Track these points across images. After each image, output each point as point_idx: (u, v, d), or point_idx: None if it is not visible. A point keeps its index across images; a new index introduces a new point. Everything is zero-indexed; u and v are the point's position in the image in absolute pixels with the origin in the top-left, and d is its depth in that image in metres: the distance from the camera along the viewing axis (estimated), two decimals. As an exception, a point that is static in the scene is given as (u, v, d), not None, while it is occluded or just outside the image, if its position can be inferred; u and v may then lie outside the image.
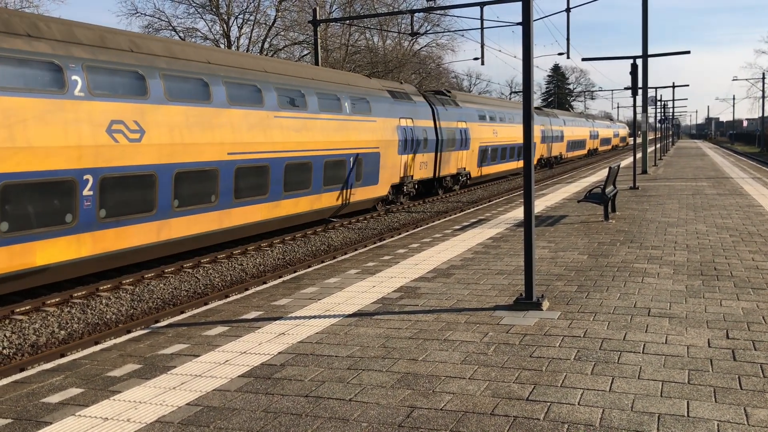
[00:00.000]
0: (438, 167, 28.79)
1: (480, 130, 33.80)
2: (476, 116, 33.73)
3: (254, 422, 4.90)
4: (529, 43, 7.80)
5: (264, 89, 17.17)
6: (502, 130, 37.85)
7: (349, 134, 20.80)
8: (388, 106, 24.06)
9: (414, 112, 26.22)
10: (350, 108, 21.17)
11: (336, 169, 20.08)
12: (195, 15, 52.35)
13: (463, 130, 31.39)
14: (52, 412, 5.21)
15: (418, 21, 55.67)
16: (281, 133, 17.37)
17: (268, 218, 17.25)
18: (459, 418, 4.85)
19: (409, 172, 25.78)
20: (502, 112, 39.10)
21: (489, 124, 35.54)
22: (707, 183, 25.63)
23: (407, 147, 25.23)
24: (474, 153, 33.07)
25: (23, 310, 11.40)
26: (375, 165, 22.55)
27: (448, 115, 30.00)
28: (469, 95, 37.40)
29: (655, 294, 8.34)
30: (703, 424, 4.65)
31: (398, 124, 24.42)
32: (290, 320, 7.66)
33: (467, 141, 31.88)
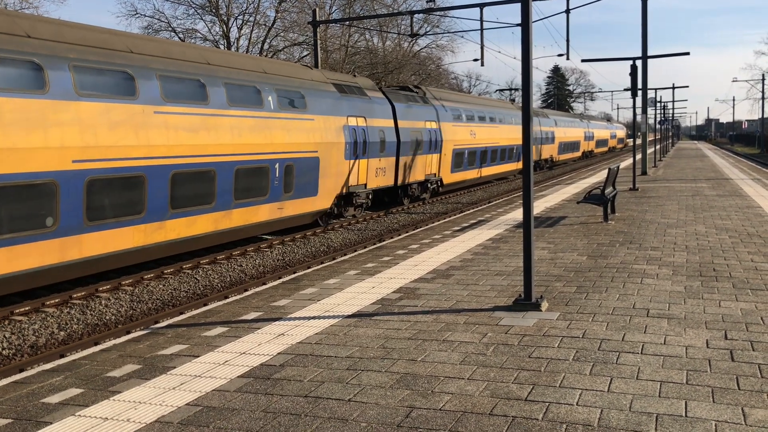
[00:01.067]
0: (400, 174, 25.25)
1: (454, 131, 30.35)
2: (450, 115, 30.29)
3: (253, 422, 4.91)
4: (528, 44, 7.81)
5: (138, 76, 13.26)
6: (483, 132, 34.30)
7: (274, 135, 17.07)
8: (332, 102, 20.38)
9: (368, 109, 22.63)
10: (276, 102, 17.43)
11: (254, 178, 16.32)
12: (195, 16, 52.48)
13: (434, 131, 27.96)
14: (52, 412, 5.22)
15: (417, 22, 55.73)
16: (165, 134, 13.64)
17: (145, 245, 13.43)
18: (458, 419, 4.86)
19: (360, 180, 22.05)
20: (483, 112, 35.33)
21: (466, 124, 32.01)
22: (707, 184, 25.65)
23: (357, 151, 21.50)
24: (447, 157, 29.56)
25: (23, 310, 11.41)
26: (312, 172, 18.87)
27: (414, 113, 26.53)
28: (443, 91, 33.48)
29: (654, 295, 8.35)
30: (701, 424, 4.67)
31: (345, 123, 20.78)
32: (289, 321, 7.67)
33: (438, 143, 28.41)
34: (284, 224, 18.33)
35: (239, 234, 16.45)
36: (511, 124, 39.19)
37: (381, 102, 24.02)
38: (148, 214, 13.41)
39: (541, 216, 16.83)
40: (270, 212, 17.17)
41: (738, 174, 31.86)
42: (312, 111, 19.13)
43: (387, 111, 24.20)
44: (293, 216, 18.39)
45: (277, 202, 17.39)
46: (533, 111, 41.97)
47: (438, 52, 63.06)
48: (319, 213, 19.97)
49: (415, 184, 27.15)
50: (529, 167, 7.92)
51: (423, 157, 27.07)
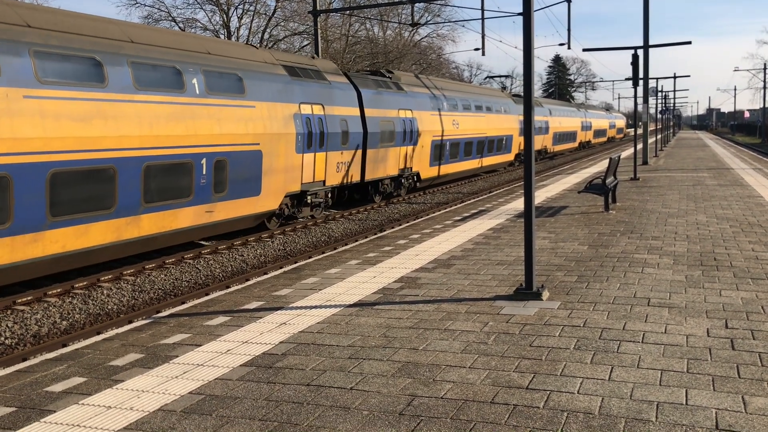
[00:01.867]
0: (368, 168, 22.62)
1: (433, 121, 27.72)
2: (428, 103, 27.59)
3: (256, 410, 4.94)
4: (530, 33, 7.80)
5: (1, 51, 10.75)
6: (468, 121, 31.54)
7: (200, 125, 14.44)
8: (280, 87, 17.68)
9: (327, 95, 19.91)
10: (203, 86, 14.76)
11: (172, 177, 13.75)
12: (195, 5, 52.31)
13: (408, 121, 25.38)
14: (55, 401, 5.25)
15: (418, 11, 55.57)
16: (40, 125, 11.08)
17: (12, 262, 10.89)
18: (459, 407, 4.88)
19: (317, 177, 19.41)
20: (468, 100, 32.38)
21: (448, 113, 29.36)
22: (708, 174, 25.63)
23: (313, 143, 18.87)
24: (424, 149, 26.92)
25: (25, 300, 11.45)
26: (253, 169, 16.30)
27: (385, 101, 23.93)
28: (421, 77, 30.21)
29: (655, 284, 8.37)
30: (701, 412, 4.69)
31: (297, 111, 18.10)
32: (291, 310, 7.70)
33: (414, 134, 25.84)
34: (217, 229, 15.77)
35: (153, 244, 13.90)
36: (500, 113, 36.81)
37: (344, 88, 21.27)
38: (16, 224, 10.73)
39: (542, 206, 16.83)
40: (196, 216, 14.59)
41: (739, 164, 31.83)
42: (252, 97, 16.45)
43: (351, 98, 21.53)
44: (229, 220, 15.83)
45: (204, 205, 14.78)
46: None
47: (439, 41, 62.99)
48: (265, 215, 17.42)
49: (388, 180, 24.56)
50: (531, 156, 7.92)
51: (396, 150, 24.51)
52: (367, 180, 22.70)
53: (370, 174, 22.83)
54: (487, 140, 34.15)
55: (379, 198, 24.46)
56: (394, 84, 25.70)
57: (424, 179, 27.62)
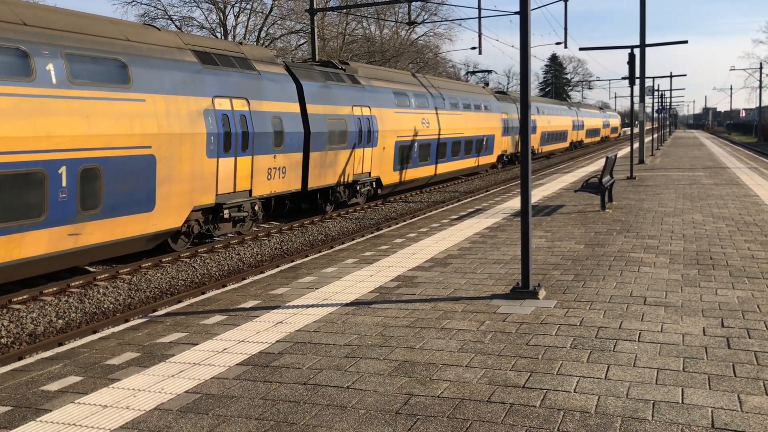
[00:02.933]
0: (312, 175, 19.37)
1: (399, 120, 24.66)
2: (392, 100, 24.53)
3: (253, 410, 4.93)
4: (527, 32, 7.80)
5: None
6: (442, 120, 28.60)
7: (56, 123, 11.37)
8: (186, 77, 14.51)
9: (254, 88, 16.78)
10: (62, 73, 11.65)
11: (11, 191, 10.72)
12: (191, 4, 52.23)
13: (366, 119, 22.38)
14: (51, 400, 5.24)
15: (415, 10, 55.56)
16: None
17: None
18: (456, 406, 4.88)
19: (240, 186, 16.17)
20: (441, 96, 29.32)
21: (416, 111, 26.21)
22: (704, 173, 25.68)
23: (234, 145, 15.75)
24: (387, 151, 23.82)
25: (21, 299, 11.42)
26: (143, 178, 13.17)
27: (335, 96, 20.81)
28: (383, 70, 27.02)
29: (651, 283, 8.38)
30: (697, 410, 4.70)
31: (211, 107, 15.02)
32: (288, 309, 7.69)
33: (373, 134, 22.79)
34: (91, 256, 12.62)
35: None
36: (480, 111, 33.95)
37: (279, 79, 18.01)
38: None
39: (538, 204, 16.85)
40: (51, 242, 11.43)
41: (735, 163, 31.90)
42: (142, 88, 13.29)
43: (289, 92, 18.33)
44: (107, 243, 12.62)
45: (66, 226, 11.61)
46: (510, 96, 35.95)
47: (436, 40, 62.96)
48: (163, 235, 14.23)
49: (341, 187, 21.41)
50: (527, 155, 7.92)
51: (349, 153, 21.40)
52: (311, 188, 19.42)
53: (315, 181, 19.59)
54: (464, 141, 31.05)
55: (330, 208, 21.23)
56: (348, 77, 22.43)
57: (386, 185, 24.30)
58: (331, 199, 21.17)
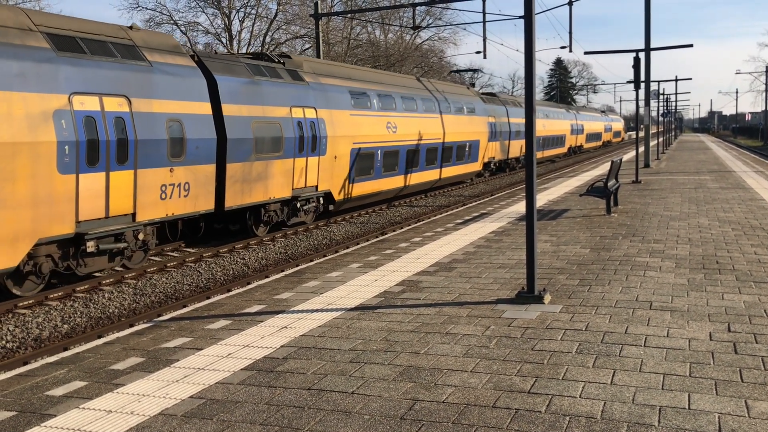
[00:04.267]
0: (231, 191, 15.82)
1: (357, 124, 21.25)
2: (347, 100, 21.03)
3: (257, 415, 4.92)
4: (531, 36, 7.79)
5: None
6: (413, 124, 25.00)
7: None
8: (27, 68, 11.23)
9: (140, 83, 13.41)
10: None
11: None
12: (196, 9, 52.42)
13: (311, 123, 18.74)
14: (56, 405, 5.24)
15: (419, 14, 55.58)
16: None
17: None
18: (461, 411, 4.86)
19: (116, 209, 12.78)
20: (413, 97, 25.73)
21: (382, 113, 22.89)
22: (710, 177, 25.60)
23: (103, 156, 12.40)
24: (340, 160, 20.31)
25: (26, 304, 11.44)
26: None
27: (264, 94, 17.15)
28: (338, 65, 22.99)
29: (657, 287, 8.34)
30: (704, 416, 4.67)
31: (66, 107, 11.75)
32: (292, 314, 7.68)
33: (321, 141, 19.19)
34: None
35: None
36: (462, 114, 30.34)
37: (180, 73, 14.46)
38: None
39: (543, 209, 16.81)
40: None
41: (741, 166, 31.80)
42: None
43: (195, 88, 14.80)
44: None
45: None
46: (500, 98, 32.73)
47: (440, 44, 62.97)
48: None
49: (275, 204, 17.74)
50: (532, 159, 7.91)
51: (286, 163, 17.63)
52: (230, 207, 15.86)
53: (235, 198, 15.99)
54: (442, 147, 27.49)
55: (264, 230, 17.72)
56: (287, 72, 18.68)
57: (339, 200, 20.70)
58: (264, 219, 17.54)
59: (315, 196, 19.27)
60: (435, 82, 31.19)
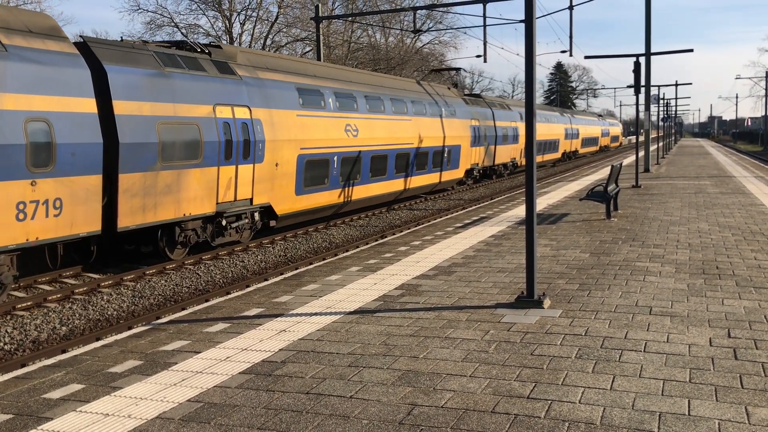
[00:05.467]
0: (126, 206, 13.12)
1: (304, 126, 18.33)
2: (294, 98, 18.23)
3: (255, 419, 4.90)
4: (532, 40, 7.78)
5: None
6: (379, 126, 22.55)
7: None
8: None
9: None
10: None
11: None
12: (197, 11, 52.46)
13: (243, 124, 16.04)
14: (53, 408, 5.22)
15: (420, 18, 55.63)
16: None
17: None
18: (460, 416, 4.84)
19: None
20: (379, 96, 23.21)
21: (337, 114, 20.18)
22: (710, 181, 25.59)
23: None
24: (284, 169, 17.50)
25: (25, 305, 11.41)
26: None
27: (177, 90, 14.44)
28: (284, 58, 20.37)
29: (657, 292, 8.32)
30: (704, 423, 4.64)
31: None
32: (291, 317, 7.66)
33: (257, 145, 16.42)
34: None
35: None
36: (439, 116, 27.74)
37: (50, 61, 11.97)
38: None
39: (543, 213, 16.80)
40: None
41: (741, 171, 31.80)
42: None
43: (75, 81, 12.30)
44: None
45: None
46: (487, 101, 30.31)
47: (441, 48, 63.03)
48: None
49: (193, 222, 15.01)
50: (532, 164, 7.89)
51: (209, 172, 15.00)
52: (125, 227, 13.11)
53: (133, 216, 13.25)
54: (415, 153, 24.95)
55: (181, 252, 15.05)
56: (213, 64, 15.89)
57: (284, 215, 17.94)
58: (180, 239, 14.77)
59: (249, 211, 16.48)
60: (409, 80, 28.51)
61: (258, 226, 17.17)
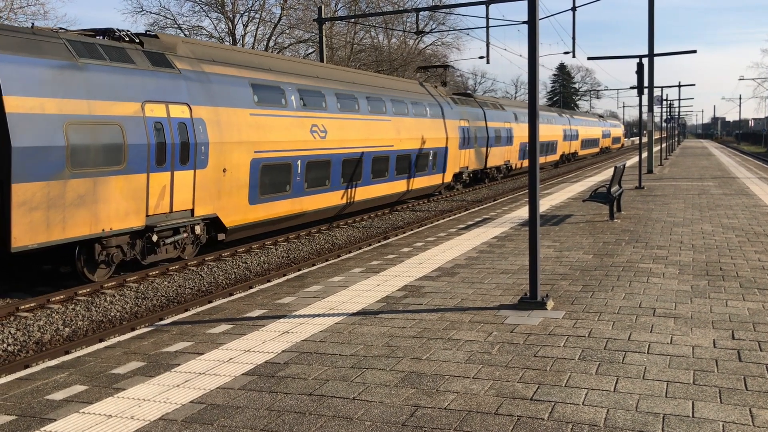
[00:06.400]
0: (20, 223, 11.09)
1: (259, 126, 16.42)
2: (246, 95, 16.26)
3: (258, 420, 4.90)
4: (535, 41, 7.77)
5: None
6: (352, 127, 20.60)
7: None
8: None
9: None
10: None
11: None
12: (200, 13, 52.51)
13: (180, 124, 13.99)
14: (56, 409, 5.22)
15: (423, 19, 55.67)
16: None
17: None
18: (463, 418, 4.83)
19: None
20: (352, 94, 21.24)
21: (301, 113, 18.07)
22: (713, 183, 25.55)
23: None
24: (233, 174, 15.47)
25: (28, 307, 11.43)
26: None
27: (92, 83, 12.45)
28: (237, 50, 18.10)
29: (661, 294, 8.31)
30: (708, 424, 4.63)
31: None
32: (294, 319, 7.66)
33: (199, 148, 14.37)
34: None
35: None
36: (424, 117, 25.92)
37: None
38: None
39: (546, 214, 16.78)
40: None
41: (744, 173, 31.74)
42: None
43: None
44: None
45: None
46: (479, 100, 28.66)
47: (443, 49, 63.01)
48: None
49: (118, 238, 13.00)
50: (535, 166, 7.88)
51: (136, 180, 13.02)
52: (20, 247, 11.14)
53: (33, 233, 11.30)
54: (396, 156, 23.15)
55: (105, 272, 13.01)
56: (143, 55, 13.80)
57: (235, 226, 15.86)
58: (101, 258, 12.78)
59: (189, 224, 14.35)
60: (389, 77, 26.15)
61: (202, 241, 15.18)
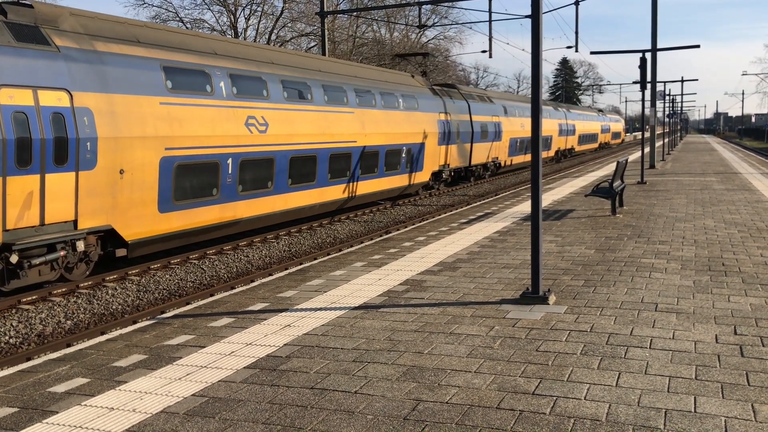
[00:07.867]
0: None
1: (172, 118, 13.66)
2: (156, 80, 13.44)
3: (259, 414, 4.90)
4: (538, 35, 7.74)
5: None
6: (304, 120, 17.92)
7: None
8: None
9: None
10: None
11: None
12: (202, 6, 52.46)
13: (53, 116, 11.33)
14: (58, 402, 5.22)
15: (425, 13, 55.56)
16: None
17: None
18: (465, 412, 4.83)
19: None
20: (306, 82, 18.52)
21: (229, 103, 15.26)
22: (715, 178, 25.50)
23: None
24: (136, 177, 12.85)
25: (30, 299, 11.44)
26: None
27: None
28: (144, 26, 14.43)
29: (663, 289, 8.29)
30: (710, 420, 4.63)
31: None
32: (296, 312, 7.65)
33: (81, 145, 11.70)
34: None
35: None
36: (396, 108, 23.54)
37: None
38: None
39: (548, 209, 16.76)
40: None
41: (747, 168, 31.68)
42: None
43: None
44: None
45: None
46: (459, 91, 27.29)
47: (446, 43, 62.94)
48: None
49: None
50: (538, 160, 7.86)
51: None
52: None
53: None
54: (360, 153, 20.74)
55: None
56: (7, 28, 11.05)
57: (139, 240, 13.15)
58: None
59: (69, 239, 11.62)
60: (353, 64, 23.24)
61: (93, 258, 12.55)
